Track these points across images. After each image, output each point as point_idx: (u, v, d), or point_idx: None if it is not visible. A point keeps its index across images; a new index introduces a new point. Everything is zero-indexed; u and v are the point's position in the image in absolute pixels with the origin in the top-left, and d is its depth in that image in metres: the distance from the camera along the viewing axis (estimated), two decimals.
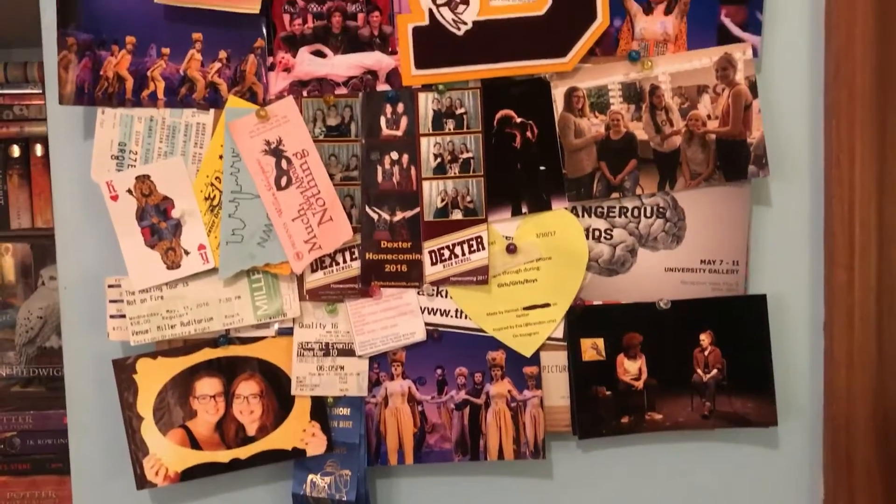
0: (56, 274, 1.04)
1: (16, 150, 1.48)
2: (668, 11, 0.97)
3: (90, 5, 0.95)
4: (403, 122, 0.98)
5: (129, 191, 0.97)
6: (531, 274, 0.99)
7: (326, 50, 0.97)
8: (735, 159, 0.97)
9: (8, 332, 1.46)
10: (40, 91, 1.42)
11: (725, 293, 0.99)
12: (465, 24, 0.96)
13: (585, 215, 0.99)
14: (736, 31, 0.97)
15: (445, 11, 0.96)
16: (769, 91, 0.99)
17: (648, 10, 0.97)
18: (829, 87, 0.98)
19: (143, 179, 0.97)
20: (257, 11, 0.95)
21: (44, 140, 1.40)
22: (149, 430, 0.98)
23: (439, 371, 1.00)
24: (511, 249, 0.99)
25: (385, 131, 0.98)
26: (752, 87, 0.96)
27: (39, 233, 1.42)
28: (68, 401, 1.03)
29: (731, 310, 0.99)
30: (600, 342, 1.00)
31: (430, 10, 0.96)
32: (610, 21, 0.96)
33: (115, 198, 0.97)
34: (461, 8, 0.96)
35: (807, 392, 1.02)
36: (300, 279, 0.99)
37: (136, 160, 0.97)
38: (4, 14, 1.29)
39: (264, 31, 0.96)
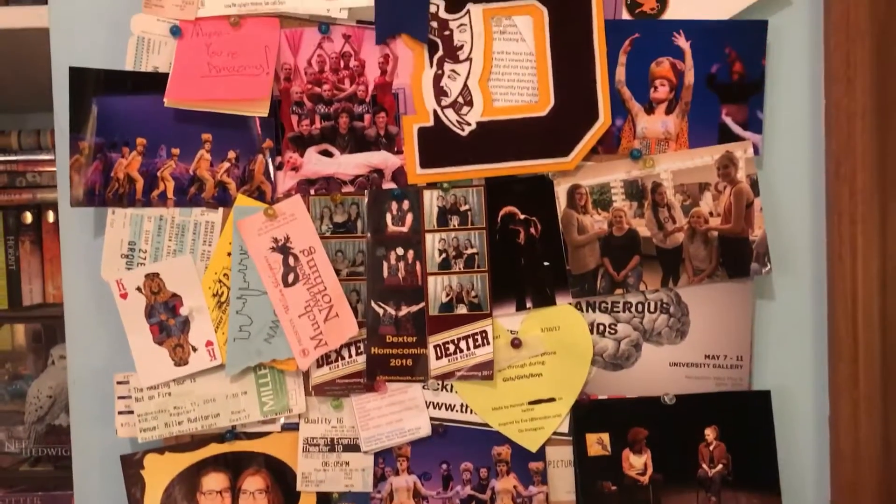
0: (66, 353, 1.06)
1: (28, 217, 1.50)
2: (669, 111, 0.98)
3: (103, 110, 0.97)
4: (409, 218, 1.00)
5: (139, 288, 0.98)
6: (536, 368, 1.00)
7: (334, 149, 0.99)
8: (738, 256, 0.98)
9: (18, 402, 1.48)
10: (53, 158, 1.44)
11: (730, 388, 0.99)
12: (469, 124, 0.98)
13: (590, 310, 1.00)
14: (737, 129, 0.98)
15: (450, 113, 0.98)
16: (771, 187, 1.00)
17: (650, 110, 0.98)
18: (830, 183, 0.99)
19: (152, 277, 0.98)
20: (266, 115, 0.97)
21: (56, 207, 1.42)
22: None
23: (445, 466, 1.00)
24: (516, 344, 1.00)
25: (391, 228, 1.00)
26: (754, 185, 0.98)
27: (50, 311, 1.43)
28: (76, 495, 1.04)
29: (735, 405, 0.99)
30: (606, 437, 1.00)
31: (435, 112, 0.98)
32: (612, 121, 0.98)
33: (124, 296, 0.98)
34: (465, 109, 0.98)
35: (813, 486, 1.02)
36: (306, 374, 1.00)
37: (145, 258, 0.98)
38: (18, 80, 1.32)
39: (273, 131, 0.98)
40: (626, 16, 0.98)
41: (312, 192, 0.99)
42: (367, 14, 0.97)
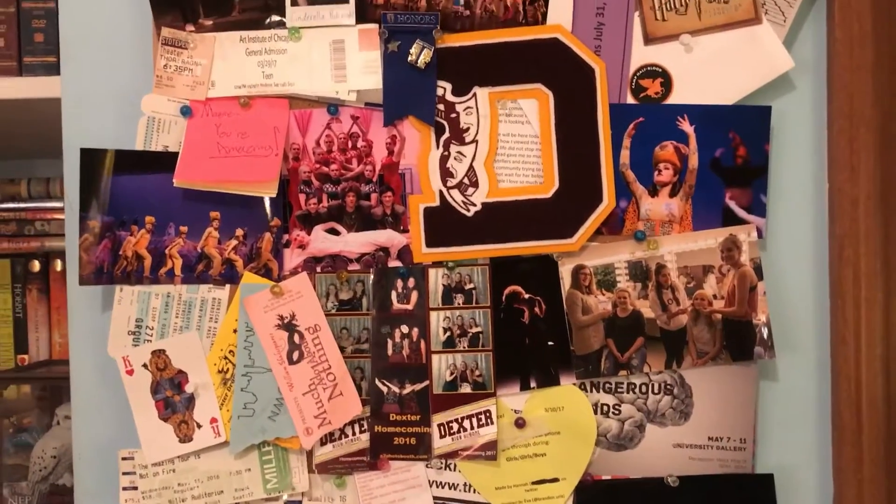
0: (71, 414, 1.06)
1: (36, 265, 1.51)
2: (673, 194, 0.99)
3: (113, 190, 0.98)
4: (414, 296, 1.00)
5: (145, 365, 0.99)
6: (540, 448, 1.00)
7: (340, 228, 1.00)
8: (741, 340, 0.98)
9: (22, 455, 1.47)
10: (61, 206, 1.46)
11: (733, 470, 0.99)
12: (475, 205, 0.99)
13: (594, 390, 1.00)
14: (741, 213, 0.99)
15: (455, 193, 0.99)
16: (775, 270, 1.00)
17: (653, 193, 0.99)
18: (834, 267, 0.99)
19: (158, 354, 0.99)
20: (274, 195, 0.98)
21: (63, 255, 1.43)
22: None
23: None
24: (520, 423, 1.00)
25: (396, 305, 1.00)
26: (758, 269, 0.98)
27: (56, 371, 1.44)
28: None
29: (739, 487, 0.99)
30: None
31: (441, 192, 0.99)
32: (616, 202, 0.99)
33: (130, 372, 0.99)
34: (470, 190, 0.99)
35: None
36: (309, 451, 1.00)
37: (152, 335, 0.99)
38: (27, 126, 1.33)
39: (281, 209, 0.99)
40: (630, 100, 0.99)
41: (319, 269, 1.00)
42: (376, 96, 0.99)
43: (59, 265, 1.51)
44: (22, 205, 1.49)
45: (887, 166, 0.98)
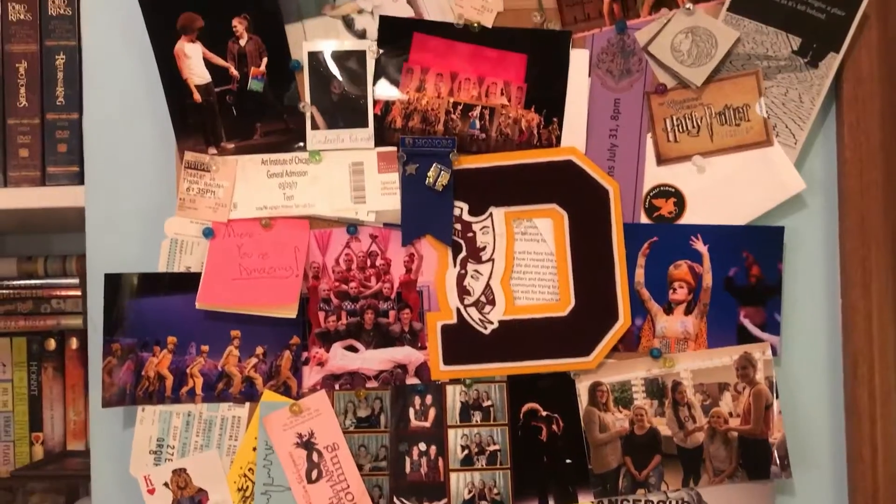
0: None
1: (52, 344, 1.52)
2: (688, 312, 1.00)
3: (136, 312, 1.00)
4: (431, 413, 1.01)
5: (166, 484, 1.00)
6: None
7: (359, 345, 1.02)
8: (757, 458, 0.98)
9: None
10: (77, 282, 1.47)
11: None
12: (492, 323, 1.00)
13: None
14: (755, 331, 1.00)
15: (473, 311, 1.01)
16: (790, 387, 1.01)
17: (669, 311, 1.00)
18: (848, 384, 1.00)
19: (179, 473, 1.00)
20: (294, 316, 0.99)
21: (79, 333, 1.44)
22: None
23: None
24: None
25: (413, 423, 1.01)
26: (772, 387, 0.99)
27: (72, 470, 1.44)
28: None
29: None
30: None
31: (458, 310, 1.01)
32: (631, 320, 1.00)
33: (151, 491, 0.99)
34: (487, 308, 1.01)
35: None
36: None
37: (173, 454, 1.00)
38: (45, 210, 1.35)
39: (300, 327, 1.01)
40: (644, 219, 1.01)
41: (337, 386, 1.01)
42: (394, 217, 1.01)
43: (74, 343, 1.52)
44: (39, 281, 1.50)
45: None
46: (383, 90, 1.01)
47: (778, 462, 0.98)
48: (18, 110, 1.14)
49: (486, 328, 1.01)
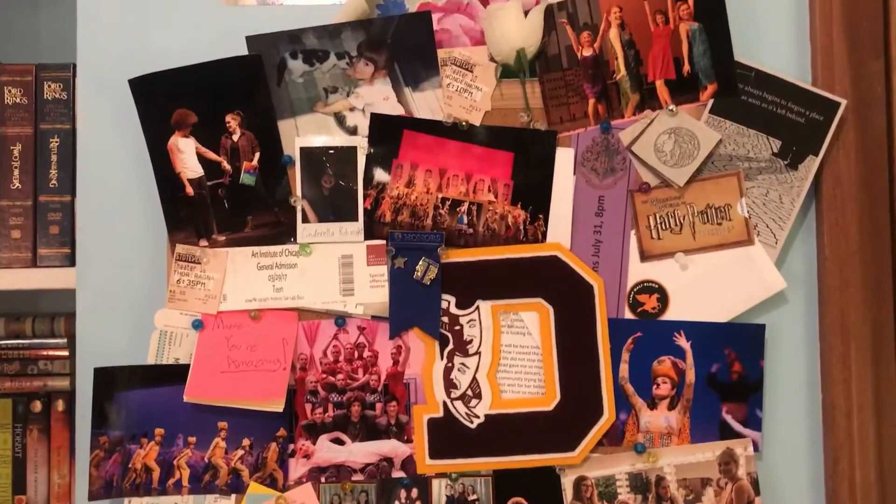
0: None
1: (38, 406, 1.52)
2: (671, 407, 1.02)
3: (124, 405, 1.00)
4: None
5: None
6: None
7: (345, 437, 1.02)
8: None
9: None
10: (66, 342, 1.47)
11: None
12: (478, 417, 1.01)
13: None
14: (737, 427, 1.01)
15: (459, 405, 1.02)
16: (771, 481, 1.02)
17: (653, 406, 1.02)
18: (829, 480, 1.01)
19: None
20: (281, 410, 1.00)
21: (65, 395, 1.44)
22: None
23: None
24: None
25: None
26: (755, 483, 1.00)
27: None
28: None
29: None
30: None
31: (445, 403, 1.02)
32: (616, 415, 1.01)
33: None
34: (474, 402, 1.02)
35: None
36: None
37: None
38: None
39: (287, 419, 1.01)
40: (628, 314, 1.02)
41: (323, 479, 1.02)
42: (382, 309, 1.02)
43: (61, 405, 1.51)
44: (26, 341, 1.50)
45: (880, 379, 1.01)
46: (373, 185, 1.03)
47: None
48: (11, 192, 1.15)
49: (472, 422, 1.02)
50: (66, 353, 1.47)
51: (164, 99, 1.01)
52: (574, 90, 1.03)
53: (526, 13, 1.02)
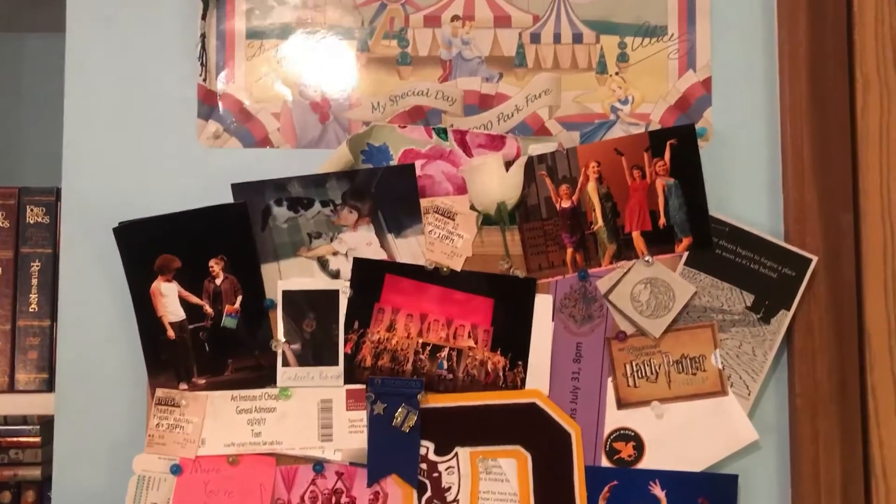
0: None
1: (7, 496, 1.49)
2: None
3: None
4: None
5: None
6: None
7: None
8: None
9: None
10: (38, 429, 1.45)
11: None
12: None
13: None
14: None
15: None
16: None
17: None
18: None
19: None
20: None
21: (36, 485, 1.42)
22: None
23: None
24: None
25: None
26: None
27: None
28: None
29: None
30: None
31: None
32: None
33: None
34: None
35: None
36: None
37: None
38: None
39: None
40: (605, 461, 1.04)
41: None
42: (360, 456, 1.02)
43: (31, 496, 1.49)
44: None
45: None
46: (354, 329, 1.04)
47: None
48: None
49: None
50: (37, 439, 1.45)
51: (147, 244, 1.02)
52: (553, 239, 1.05)
53: (507, 164, 1.04)
